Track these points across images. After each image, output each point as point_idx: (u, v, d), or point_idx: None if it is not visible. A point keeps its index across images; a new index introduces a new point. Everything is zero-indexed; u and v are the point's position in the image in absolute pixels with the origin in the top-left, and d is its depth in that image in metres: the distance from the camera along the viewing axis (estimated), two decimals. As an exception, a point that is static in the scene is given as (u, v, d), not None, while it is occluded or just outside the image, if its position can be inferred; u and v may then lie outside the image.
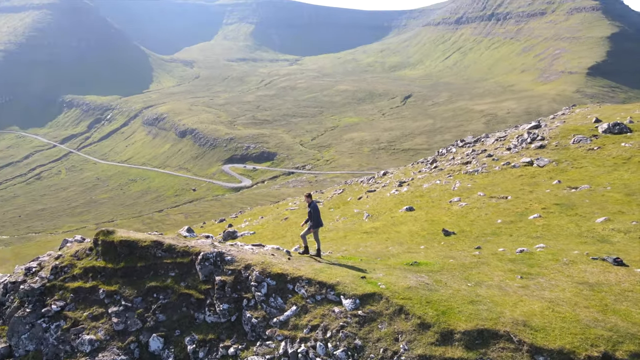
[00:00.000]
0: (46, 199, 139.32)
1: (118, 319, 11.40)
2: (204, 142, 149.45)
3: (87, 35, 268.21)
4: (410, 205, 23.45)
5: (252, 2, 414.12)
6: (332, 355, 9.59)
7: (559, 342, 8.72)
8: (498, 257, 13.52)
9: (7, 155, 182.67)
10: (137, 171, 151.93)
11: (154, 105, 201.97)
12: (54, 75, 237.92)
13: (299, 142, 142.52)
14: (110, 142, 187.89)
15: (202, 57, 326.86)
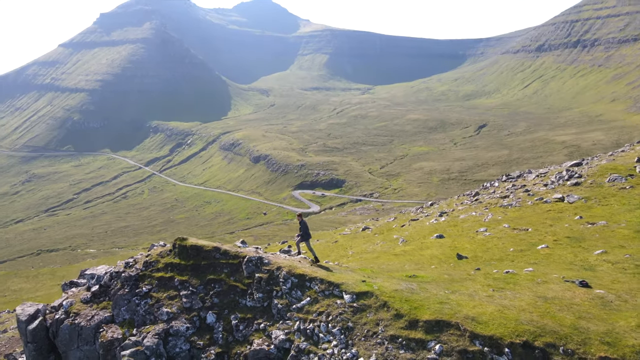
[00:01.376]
0: (130, 217, 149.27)
1: (186, 299, 16.02)
2: (276, 168, 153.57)
3: (174, 66, 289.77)
4: (441, 233, 25.57)
5: (327, 34, 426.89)
6: (330, 332, 13.48)
7: (493, 331, 11.71)
8: (486, 276, 16.08)
9: (98, 175, 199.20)
10: (212, 194, 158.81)
11: (231, 131, 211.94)
12: (143, 102, 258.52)
13: (367, 170, 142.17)
14: (189, 165, 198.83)
15: (278, 86, 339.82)
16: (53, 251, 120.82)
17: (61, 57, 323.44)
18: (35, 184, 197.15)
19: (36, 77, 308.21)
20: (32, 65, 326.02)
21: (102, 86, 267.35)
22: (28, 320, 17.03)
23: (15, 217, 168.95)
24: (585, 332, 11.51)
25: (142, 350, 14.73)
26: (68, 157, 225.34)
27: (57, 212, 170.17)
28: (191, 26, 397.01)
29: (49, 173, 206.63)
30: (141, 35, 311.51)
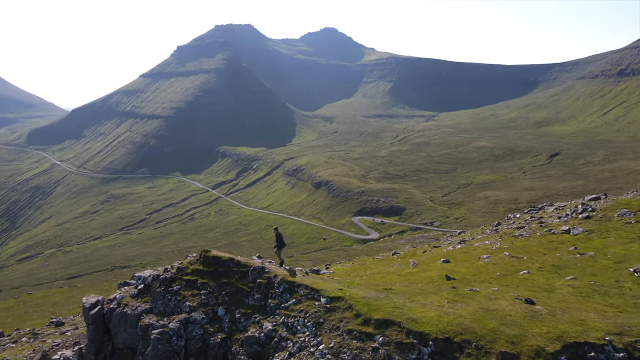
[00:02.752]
0: (196, 238, 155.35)
1: (204, 297, 20.65)
2: (337, 194, 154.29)
3: (243, 95, 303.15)
4: (448, 259, 27.74)
5: (391, 62, 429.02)
6: (306, 325, 17.24)
7: (424, 329, 14.84)
8: (452, 292, 18.68)
9: (169, 197, 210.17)
10: (274, 217, 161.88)
11: (295, 157, 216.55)
12: (213, 129, 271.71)
13: (429, 198, 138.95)
14: (254, 189, 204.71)
15: (341, 113, 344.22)
16: (125, 267, 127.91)
17: (141, 87, 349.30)
18: (113, 204, 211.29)
19: (119, 104, 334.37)
20: (116, 94, 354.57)
21: (176, 113, 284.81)
22: (90, 308, 22.29)
23: (93, 234, 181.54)
24: (499, 334, 14.24)
25: (167, 330, 19.66)
26: (143, 179, 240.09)
27: (130, 230, 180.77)
28: (261, 56, 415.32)
29: (125, 194, 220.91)
30: (214, 65, 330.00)
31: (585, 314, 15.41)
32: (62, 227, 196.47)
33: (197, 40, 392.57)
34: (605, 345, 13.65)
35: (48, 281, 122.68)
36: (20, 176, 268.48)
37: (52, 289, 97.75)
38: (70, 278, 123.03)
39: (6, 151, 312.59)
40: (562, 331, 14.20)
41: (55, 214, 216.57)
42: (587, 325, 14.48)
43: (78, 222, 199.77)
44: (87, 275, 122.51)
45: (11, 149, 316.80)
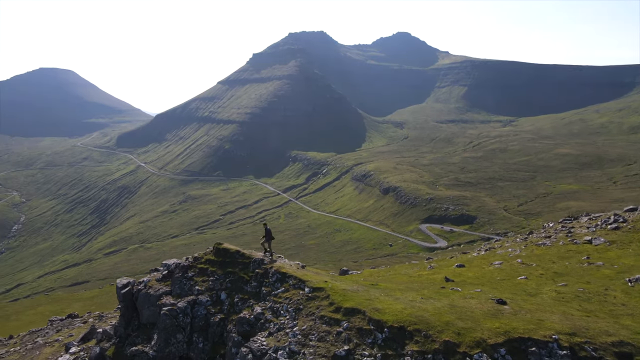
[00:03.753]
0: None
1: (211, 282, 23.51)
2: (405, 200, 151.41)
3: (315, 100, 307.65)
4: (462, 263, 28.61)
5: (466, 65, 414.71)
6: (287, 311, 19.58)
7: (384, 318, 16.47)
8: (434, 291, 20.08)
9: (242, 199, 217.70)
10: (342, 222, 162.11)
11: (363, 162, 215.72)
12: (285, 134, 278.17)
13: (502, 207, 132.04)
14: (323, 194, 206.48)
15: (413, 118, 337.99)
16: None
17: (218, 93, 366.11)
18: (190, 205, 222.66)
19: (198, 110, 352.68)
20: (195, 100, 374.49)
21: (250, 118, 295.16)
22: (122, 288, 25.51)
23: (171, 232, 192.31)
24: (451, 326, 15.39)
25: (175, 308, 22.55)
26: (218, 181, 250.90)
27: (205, 230, 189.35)
28: (332, 62, 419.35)
29: (201, 195, 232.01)
30: (287, 72, 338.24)
31: (549, 315, 16.11)
32: (144, 225, 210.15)
33: (271, 47, 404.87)
34: (550, 342, 14.42)
35: (130, 274, 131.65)
36: (109, 176, 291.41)
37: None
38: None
39: (98, 153, 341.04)
40: (512, 327, 15.07)
41: (138, 212, 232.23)
42: (542, 324, 15.24)
43: (158, 220, 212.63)
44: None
45: (102, 151, 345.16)
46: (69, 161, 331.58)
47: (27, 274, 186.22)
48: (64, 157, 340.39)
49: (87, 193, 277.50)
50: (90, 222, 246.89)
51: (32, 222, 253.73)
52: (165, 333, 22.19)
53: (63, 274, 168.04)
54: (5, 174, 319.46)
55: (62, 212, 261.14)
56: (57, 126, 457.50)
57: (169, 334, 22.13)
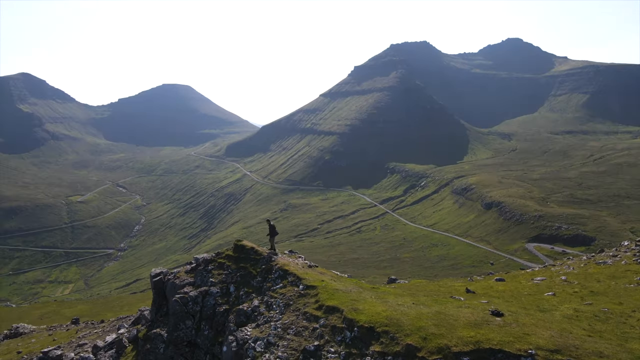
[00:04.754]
0: (361, 250, 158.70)
1: (224, 276, 25.26)
2: (510, 217, 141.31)
3: (415, 112, 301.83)
4: (503, 278, 28.16)
5: (588, 71, 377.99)
6: (278, 305, 20.65)
7: (357, 318, 17.25)
8: (433, 299, 19.93)
9: (339, 209, 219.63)
10: (439, 236, 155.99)
11: (465, 175, 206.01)
12: (383, 145, 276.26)
13: (629, 229, 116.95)
14: (420, 206, 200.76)
15: (522, 129, 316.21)
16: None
17: (320, 105, 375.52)
18: (290, 213, 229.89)
19: (300, 122, 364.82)
20: (298, 112, 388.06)
21: (350, 130, 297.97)
22: (154, 277, 28.08)
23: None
24: (421, 330, 15.31)
25: (186, 296, 24.35)
26: (317, 191, 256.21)
27: (303, 238, 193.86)
28: (435, 73, 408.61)
29: (301, 204, 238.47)
30: (387, 84, 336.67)
31: (541, 331, 15.23)
32: (247, 231, 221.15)
33: (372, 59, 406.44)
34: (524, 356, 13.85)
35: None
36: (218, 184, 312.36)
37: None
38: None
39: (209, 162, 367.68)
40: (487, 338, 14.53)
41: (242, 218, 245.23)
42: (525, 339, 14.63)
43: (260, 227, 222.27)
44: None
45: (213, 160, 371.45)
46: (184, 169, 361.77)
47: (144, 270, 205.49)
48: (180, 165, 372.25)
49: (198, 199, 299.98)
50: (199, 225, 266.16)
51: (150, 223, 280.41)
52: (175, 318, 23.84)
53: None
54: (130, 180, 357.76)
55: (176, 216, 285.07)
56: (175, 137, 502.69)
57: (178, 319, 23.77)
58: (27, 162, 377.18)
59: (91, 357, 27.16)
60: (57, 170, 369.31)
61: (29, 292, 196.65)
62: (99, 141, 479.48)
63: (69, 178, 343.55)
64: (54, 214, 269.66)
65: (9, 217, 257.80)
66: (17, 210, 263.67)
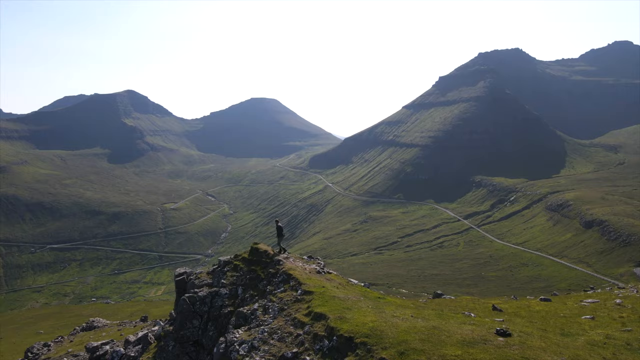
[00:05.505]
0: (442, 266, 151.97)
1: (235, 278, 25.78)
2: (614, 237, 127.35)
3: (504, 122, 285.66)
4: (549, 298, 26.56)
5: None
6: (273, 309, 20.81)
7: (340, 326, 16.60)
8: (436, 312, 19.70)
9: (420, 223, 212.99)
10: (530, 256, 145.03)
11: (561, 191, 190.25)
12: (469, 158, 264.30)
13: None
14: (509, 223, 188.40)
15: (632, 140, 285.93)
16: (374, 285, 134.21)
17: (403, 117, 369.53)
18: (370, 225, 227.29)
19: (382, 134, 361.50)
20: (380, 124, 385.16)
21: (433, 142, 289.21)
22: (177, 276, 29.33)
23: (351, 250, 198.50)
24: (402, 344, 14.70)
25: (195, 296, 24.88)
26: (398, 204, 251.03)
27: (382, 251, 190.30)
28: (528, 81, 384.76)
29: (381, 217, 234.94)
30: (474, 94, 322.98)
31: (545, 356, 13.94)
32: (327, 241, 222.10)
33: (458, 69, 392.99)
34: None
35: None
36: (300, 194, 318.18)
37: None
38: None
39: (293, 173, 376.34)
40: (474, 359, 13.69)
41: (323, 229, 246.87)
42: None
43: (340, 238, 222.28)
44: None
45: (296, 171, 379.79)
46: (269, 179, 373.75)
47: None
48: (265, 176, 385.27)
49: (282, 209, 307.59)
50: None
51: (236, 231, 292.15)
52: (182, 317, 24.28)
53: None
54: (219, 189, 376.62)
55: (260, 225, 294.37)
56: (261, 148, 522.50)
57: (184, 318, 24.19)
58: (129, 171, 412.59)
59: (121, 350, 28.59)
60: (154, 179, 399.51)
61: (126, 291, 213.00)
62: (192, 152, 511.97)
63: (164, 186, 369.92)
64: (151, 220, 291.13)
65: (112, 221, 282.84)
66: (119, 215, 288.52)
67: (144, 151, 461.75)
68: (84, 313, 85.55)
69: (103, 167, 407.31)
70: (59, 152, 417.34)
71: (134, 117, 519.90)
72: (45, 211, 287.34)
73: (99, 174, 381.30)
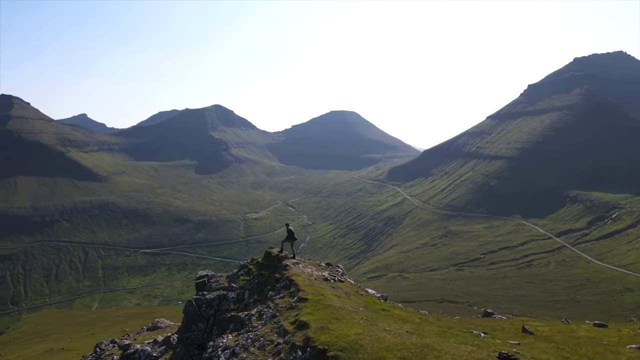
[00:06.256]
0: (530, 287, 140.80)
1: (245, 282, 26.03)
2: None
3: (604, 132, 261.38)
4: (606, 324, 24.06)
5: None
6: (267, 315, 20.30)
7: (317, 337, 15.66)
8: (442, 331, 17.47)
9: (506, 239, 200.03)
10: (636, 280, 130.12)
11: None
12: (562, 171, 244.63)
13: None
14: (610, 242, 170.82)
15: None
16: (452, 302, 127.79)
17: (487, 128, 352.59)
18: (450, 240, 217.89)
19: (464, 145, 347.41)
20: (462, 135, 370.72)
21: (520, 154, 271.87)
22: (197, 278, 29.67)
23: (430, 265, 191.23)
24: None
25: (202, 299, 24.66)
26: (481, 218, 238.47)
27: (463, 267, 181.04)
28: (635, 87, 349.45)
29: (462, 231, 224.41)
30: (568, 101, 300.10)
31: None
32: (404, 255, 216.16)
33: (550, 76, 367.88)
34: None
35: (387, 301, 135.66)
36: (378, 207, 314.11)
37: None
38: (404, 302, 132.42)
39: (371, 185, 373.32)
40: None
41: (400, 242, 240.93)
42: None
43: (418, 252, 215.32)
44: (417, 302, 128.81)
45: (374, 183, 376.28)
46: (347, 191, 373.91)
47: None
48: (343, 188, 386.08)
49: (359, 221, 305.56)
50: (359, 247, 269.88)
51: (314, 242, 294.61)
52: (187, 319, 24.13)
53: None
54: (299, 200, 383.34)
55: (338, 236, 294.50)
56: (340, 160, 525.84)
57: (190, 320, 24.01)
58: (214, 182, 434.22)
59: (148, 349, 29.40)
60: (238, 190, 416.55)
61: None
62: (274, 164, 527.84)
63: (247, 197, 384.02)
64: (234, 229, 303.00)
65: (198, 229, 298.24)
66: (204, 224, 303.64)
67: (228, 163, 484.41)
68: (167, 314, 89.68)
69: (191, 178, 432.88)
70: (153, 164, 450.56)
71: (220, 130, 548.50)
72: (139, 218, 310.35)
73: (187, 184, 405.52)
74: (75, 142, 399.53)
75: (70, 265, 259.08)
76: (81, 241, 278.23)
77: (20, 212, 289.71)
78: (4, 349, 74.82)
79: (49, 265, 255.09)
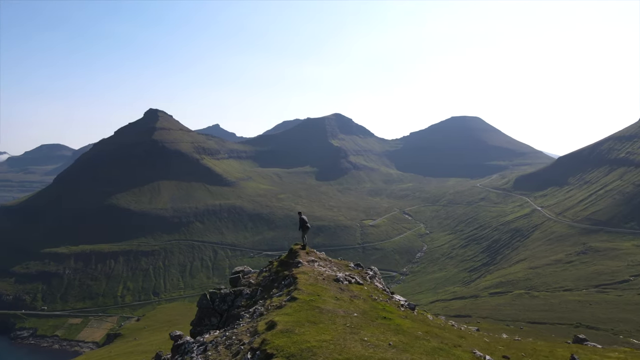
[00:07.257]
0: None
1: (263, 279, 26.68)
2: None
3: None
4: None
5: None
6: (257, 313, 19.65)
7: (272, 340, 14.64)
8: (434, 349, 16.06)
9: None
10: None
11: None
12: None
13: None
14: None
15: None
16: (592, 328, 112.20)
17: (639, 131, 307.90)
18: (590, 257, 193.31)
19: (610, 151, 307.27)
20: (607, 140, 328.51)
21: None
22: (233, 274, 29.48)
23: (564, 284, 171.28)
24: None
25: (217, 293, 25.17)
26: (630, 234, 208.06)
27: (607, 290, 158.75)
28: None
29: (606, 248, 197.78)
30: None
31: None
32: (533, 271, 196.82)
33: None
34: None
35: (512, 319, 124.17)
36: (503, 218, 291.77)
37: (509, 327, 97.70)
38: (532, 322, 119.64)
39: (495, 194, 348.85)
40: None
41: (529, 257, 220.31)
42: None
43: (550, 269, 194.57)
44: (549, 325, 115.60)
45: (499, 192, 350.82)
46: (468, 200, 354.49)
47: (422, 297, 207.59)
48: (464, 197, 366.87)
49: (481, 232, 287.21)
50: (481, 259, 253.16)
51: (431, 252, 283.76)
52: (200, 313, 23.96)
53: (450, 304, 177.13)
54: (416, 208, 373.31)
55: (457, 247, 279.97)
56: (461, 168, 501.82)
57: (203, 314, 23.82)
58: (333, 188, 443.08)
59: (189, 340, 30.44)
60: (355, 196, 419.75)
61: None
62: (391, 171, 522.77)
63: (364, 204, 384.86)
64: (350, 235, 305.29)
65: (317, 234, 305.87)
66: (323, 229, 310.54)
67: (347, 170, 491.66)
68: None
69: (311, 184, 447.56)
70: (276, 170, 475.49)
71: (339, 138, 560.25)
72: (262, 221, 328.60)
73: (307, 190, 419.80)
74: (209, 150, 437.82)
75: (202, 263, 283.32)
76: (212, 241, 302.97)
77: (162, 212, 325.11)
78: (139, 334, 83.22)
79: (184, 262, 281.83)
